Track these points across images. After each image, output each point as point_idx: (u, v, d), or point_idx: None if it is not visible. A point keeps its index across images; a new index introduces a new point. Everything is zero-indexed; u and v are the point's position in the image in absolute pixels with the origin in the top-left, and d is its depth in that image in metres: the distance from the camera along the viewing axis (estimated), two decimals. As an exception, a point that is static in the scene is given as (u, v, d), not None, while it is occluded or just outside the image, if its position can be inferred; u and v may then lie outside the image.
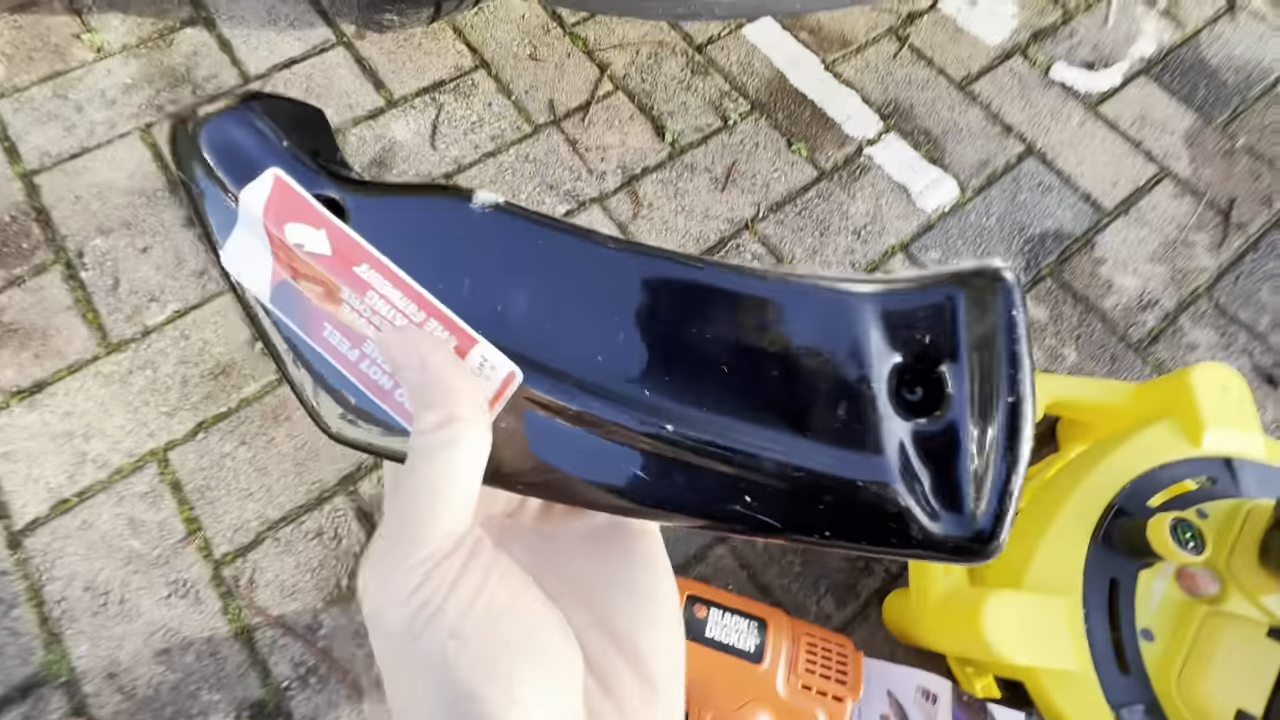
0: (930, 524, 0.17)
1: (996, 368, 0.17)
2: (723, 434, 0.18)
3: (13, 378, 0.74)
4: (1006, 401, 0.17)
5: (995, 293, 0.17)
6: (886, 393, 0.17)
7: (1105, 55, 1.07)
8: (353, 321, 0.18)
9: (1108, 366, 0.85)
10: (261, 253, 0.19)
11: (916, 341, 0.17)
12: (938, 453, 0.17)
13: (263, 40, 0.97)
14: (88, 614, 0.65)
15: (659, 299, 0.19)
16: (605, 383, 0.18)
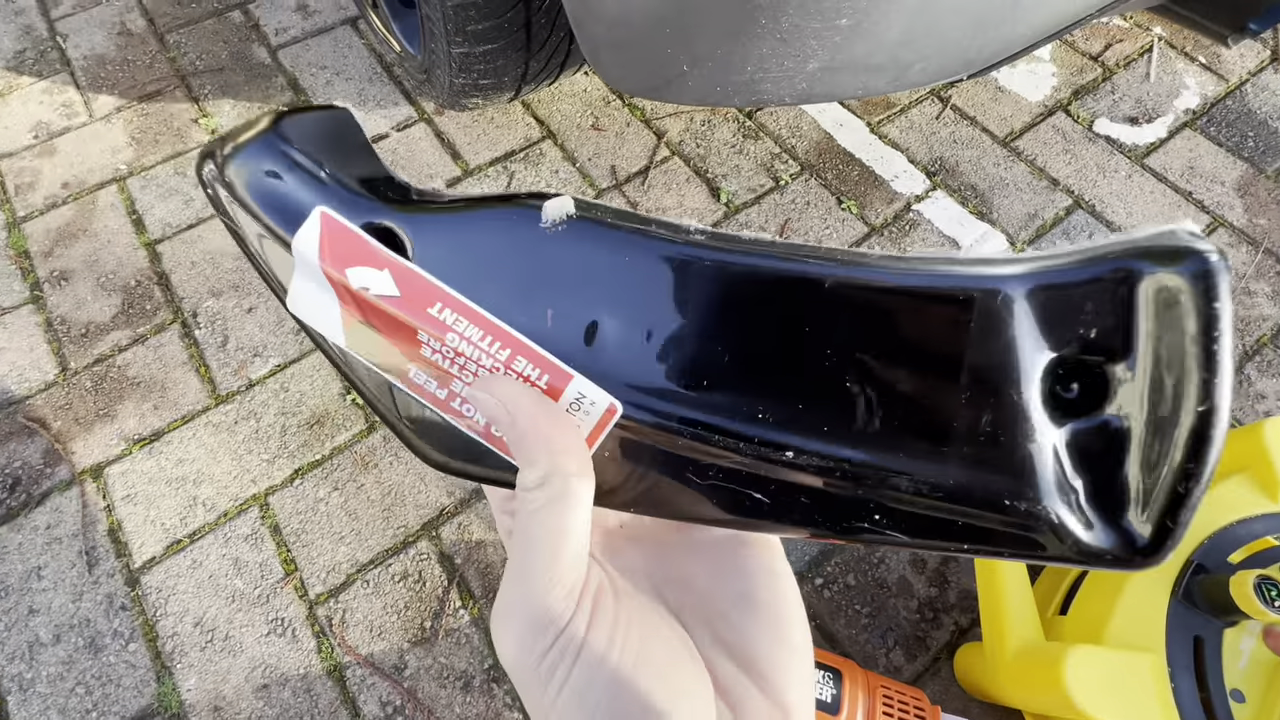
0: (1084, 534, 0.15)
1: (1185, 369, 0.14)
2: (846, 454, 0.16)
3: (135, 427, 0.82)
4: (1197, 411, 0.14)
5: (1188, 275, 0.14)
6: (1039, 397, 0.15)
7: (1148, 110, 1.09)
8: (437, 362, 0.18)
9: (1173, 417, 0.84)
10: (326, 297, 0.18)
11: (1077, 333, 0.15)
12: (1100, 458, 0.15)
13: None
14: (196, 649, 0.70)
15: (763, 303, 0.16)
16: (713, 404, 0.17)
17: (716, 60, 0.55)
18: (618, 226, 0.17)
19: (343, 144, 0.19)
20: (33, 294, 0.91)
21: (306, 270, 0.18)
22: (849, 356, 0.16)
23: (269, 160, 0.18)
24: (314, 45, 1.16)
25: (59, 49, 1.14)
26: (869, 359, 0.16)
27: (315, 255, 0.17)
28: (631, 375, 0.17)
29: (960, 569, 0.76)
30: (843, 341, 0.16)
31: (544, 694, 0.16)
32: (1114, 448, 0.15)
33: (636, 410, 0.17)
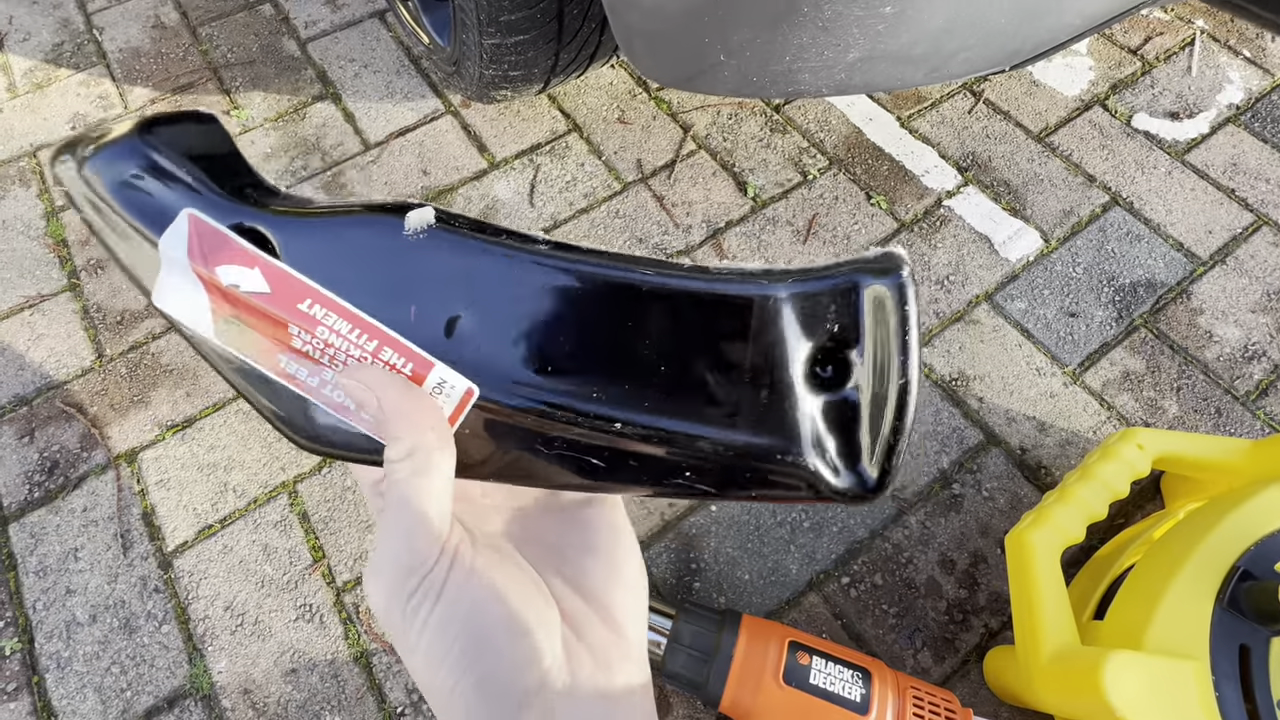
0: (833, 479, 0.20)
1: (890, 353, 0.19)
2: (662, 424, 0.20)
3: (168, 413, 0.83)
4: (899, 383, 0.19)
5: (890, 285, 0.19)
6: (801, 377, 0.20)
7: (1190, 104, 1.06)
8: (307, 353, 0.19)
9: (1213, 420, 0.82)
10: (195, 293, 0.19)
11: (825, 328, 0.20)
12: (841, 422, 0.20)
13: (381, 112, 1.08)
14: (226, 632, 0.71)
15: (594, 303, 0.20)
16: (555, 386, 0.20)
17: (754, 50, 0.54)
18: (473, 236, 0.20)
19: (210, 150, 0.21)
20: (70, 282, 0.92)
21: (174, 268, 0.19)
22: (661, 347, 0.20)
23: (132, 162, 0.19)
24: (343, 38, 1.16)
25: (95, 42, 1.16)
26: (675, 349, 0.20)
27: (184, 255, 0.18)
28: (486, 363, 0.20)
29: (990, 571, 0.74)
30: (656, 335, 0.20)
31: (409, 632, 0.18)
32: (852, 414, 0.20)
33: (492, 392, 0.20)
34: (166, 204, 0.19)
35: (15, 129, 1.06)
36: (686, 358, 0.20)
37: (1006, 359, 0.86)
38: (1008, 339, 0.88)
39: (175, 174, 0.19)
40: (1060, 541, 0.64)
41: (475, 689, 0.18)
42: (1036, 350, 0.87)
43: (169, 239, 0.18)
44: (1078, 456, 0.80)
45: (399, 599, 0.18)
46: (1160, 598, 0.56)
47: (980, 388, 0.84)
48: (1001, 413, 0.83)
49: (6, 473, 0.79)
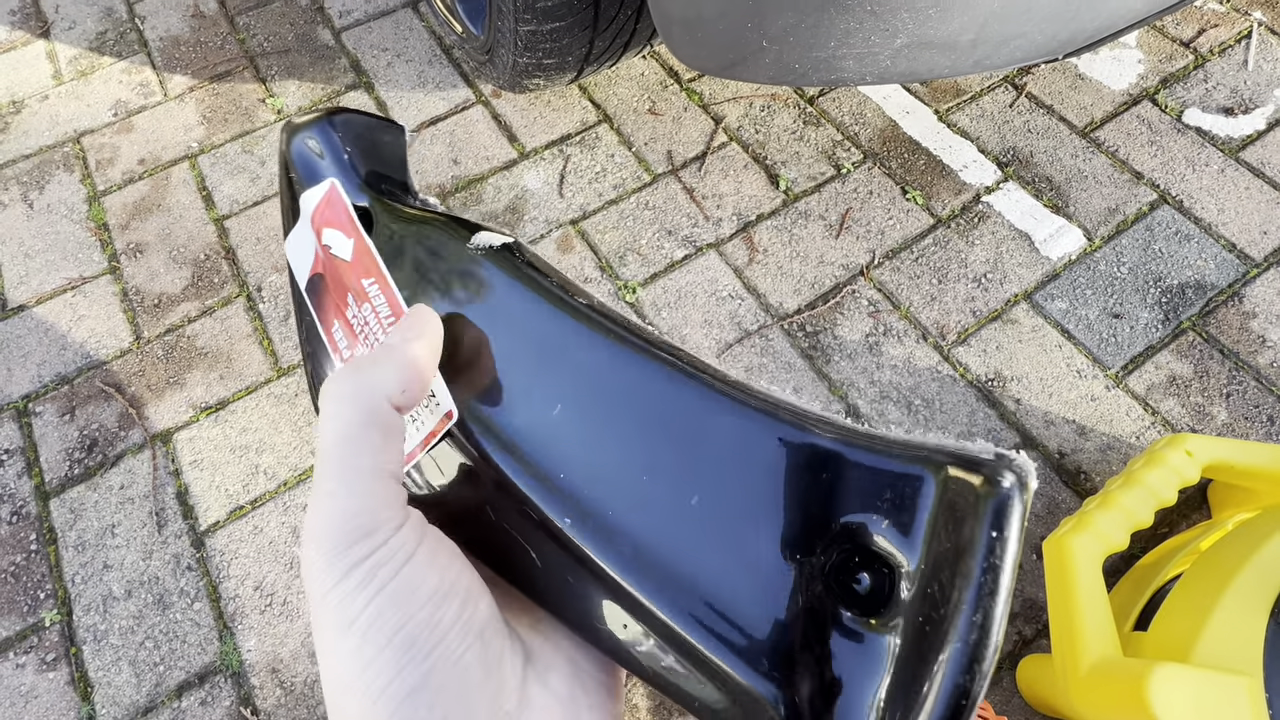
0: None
1: (961, 595, 0.12)
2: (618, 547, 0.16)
3: (202, 395, 0.85)
4: (958, 644, 0.12)
5: (983, 494, 0.12)
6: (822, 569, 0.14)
7: (1245, 100, 1.02)
8: (352, 322, 0.21)
9: (1265, 428, 0.79)
10: (309, 247, 0.22)
11: (872, 516, 0.14)
12: (860, 664, 0.13)
13: (413, 101, 1.09)
14: (256, 611, 0.72)
15: (604, 380, 0.17)
16: (527, 448, 0.17)
17: (798, 35, 0.52)
18: (522, 272, 0.19)
19: (381, 148, 0.24)
20: (110, 265, 0.94)
21: (303, 222, 0.22)
22: (660, 456, 0.16)
23: (316, 136, 0.23)
24: (376, 28, 1.17)
25: (137, 31, 1.19)
26: (677, 465, 0.16)
27: (311, 211, 0.22)
28: (478, 395, 0.18)
29: (1024, 577, 0.72)
30: (659, 440, 0.16)
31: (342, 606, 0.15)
32: (876, 660, 0.13)
33: (469, 425, 0.18)
34: (321, 171, 0.22)
35: (60, 115, 1.08)
36: (682, 478, 0.16)
37: (1046, 360, 0.84)
38: (1047, 339, 0.85)
39: (340, 152, 0.22)
40: (1102, 549, 0.62)
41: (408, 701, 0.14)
42: (1077, 351, 0.84)
43: (308, 196, 0.22)
44: (1119, 462, 0.77)
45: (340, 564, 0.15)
46: (1210, 611, 0.54)
47: (1018, 389, 0.82)
48: (1040, 415, 0.80)
49: (48, 449, 0.81)
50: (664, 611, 0.15)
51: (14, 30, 1.19)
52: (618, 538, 0.16)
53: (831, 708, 0.13)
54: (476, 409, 0.18)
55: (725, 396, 0.16)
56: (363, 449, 0.16)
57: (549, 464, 0.17)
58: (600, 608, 0.16)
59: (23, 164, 1.04)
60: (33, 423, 0.83)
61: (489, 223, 0.21)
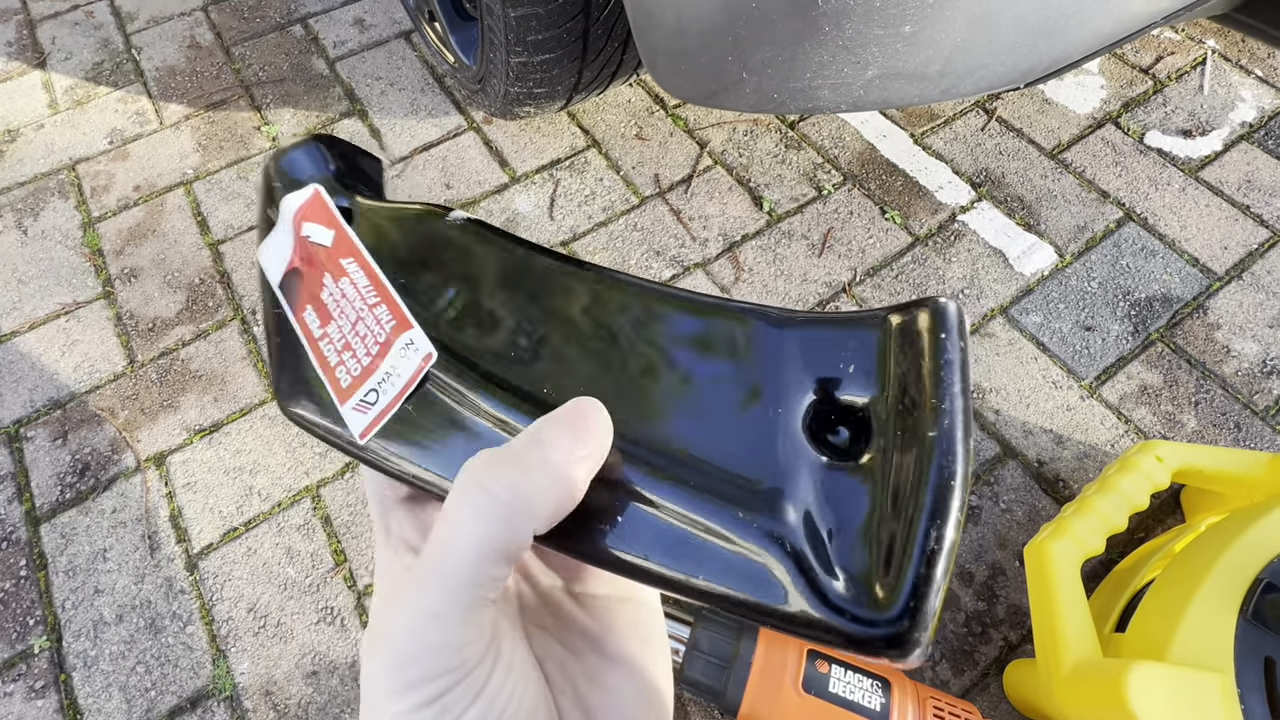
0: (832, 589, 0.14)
1: (924, 395, 0.14)
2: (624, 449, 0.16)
3: (196, 418, 0.85)
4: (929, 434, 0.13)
5: (928, 313, 0.15)
6: (800, 423, 0.16)
7: (1202, 122, 1.07)
8: (326, 301, 0.21)
9: (1233, 434, 0.82)
10: (286, 245, 0.22)
11: (837, 372, 0.16)
12: (852, 507, 0.14)
13: (405, 128, 1.12)
14: (249, 634, 0.72)
15: (577, 306, 0.19)
16: (512, 375, 0.18)
17: (775, 68, 0.56)
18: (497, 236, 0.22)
19: (362, 170, 0.25)
20: (105, 290, 0.95)
21: (283, 222, 0.23)
22: (640, 361, 0.18)
23: (303, 157, 0.24)
24: (369, 57, 1.20)
25: (134, 61, 1.21)
26: (658, 365, 0.18)
27: (294, 211, 0.22)
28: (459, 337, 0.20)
29: (1009, 584, 0.74)
30: (637, 349, 0.18)
31: None
32: (870, 496, 0.14)
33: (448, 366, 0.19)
34: (305, 180, 0.24)
35: (56, 143, 1.10)
36: (664, 375, 0.17)
37: (1022, 372, 0.87)
38: (1023, 352, 0.88)
39: (325, 166, 0.24)
40: (1080, 553, 0.64)
41: None
42: (1052, 363, 0.87)
43: (290, 199, 0.23)
44: (1095, 469, 0.80)
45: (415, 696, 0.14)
46: (1183, 610, 0.56)
47: (997, 400, 0.85)
48: (1018, 425, 0.83)
49: (40, 474, 0.81)
50: (674, 492, 0.15)
51: (10, 61, 1.20)
52: (622, 438, 0.16)
53: (830, 543, 0.14)
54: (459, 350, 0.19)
55: (704, 305, 0.18)
56: (485, 581, 0.14)
57: (537, 386, 0.18)
58: (615, 509, 0.16)
59: (17, 191, 1.05)
60: (24, 448, 0.83)
61: None
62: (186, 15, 1.27)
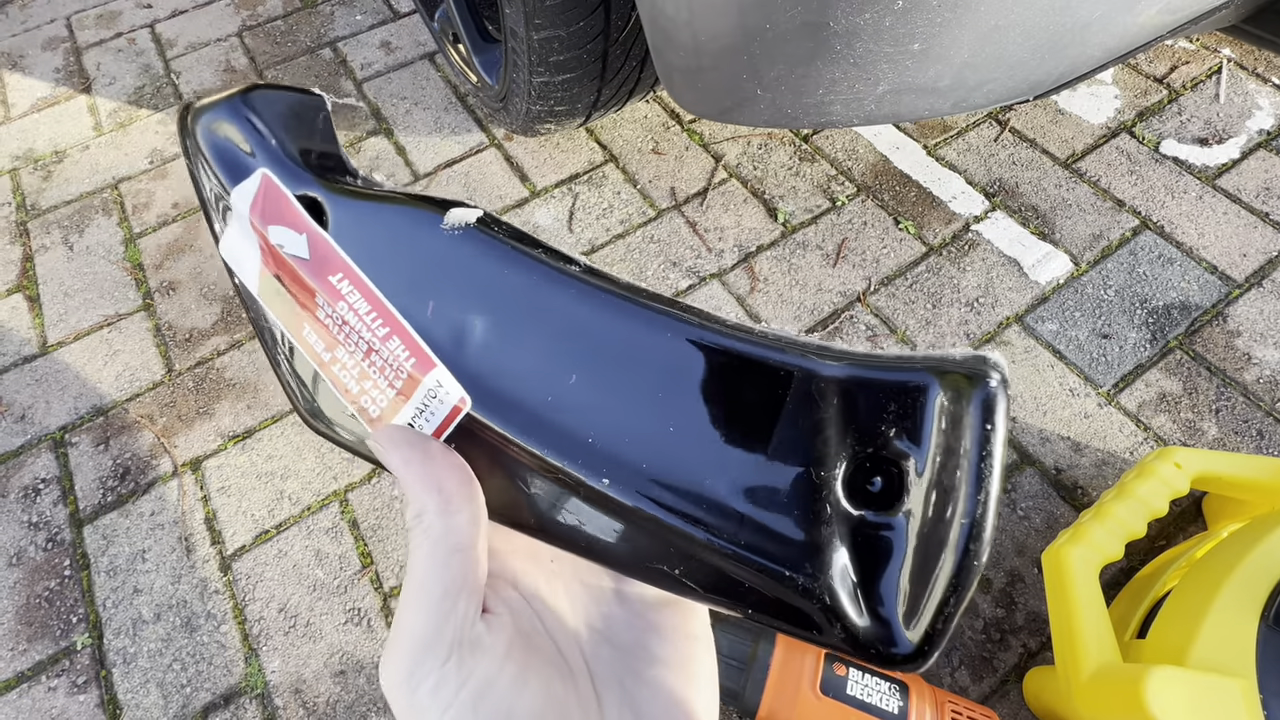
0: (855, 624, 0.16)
1: (960, 480, 0.15)
2: (659, 496, 0.17)
3: (230, 424, 0.89)
4: (964, 521, 0.15)
5: (974, 394, 0.15)
6: (841, 480, 0.16)
7: (1219, 131, 1.07)
8: (325, 324, 0.19)
9: (1255, 441, 0.81)
10: (251, 248, 0.20)
11: (881, 431, 0.16)
12: (882, 554, 0.16)
13: (430, 145, 1.15)
14: (280, 633, 0.75)
15: (617, 339, 0.18)
16: (553, 420, 0.18)
17: (788, 84, 0.58)
18: (508, 243, 0.19)
19: (306, 124, 0.21)
20: (144, 302, 1.00)
21: (239, 220, 0.20)
22: (677, 403, 0.17)
23: (230, 120, 0.20)
24: (395, 78, 1.25)
25: (173, 85, 1.27)
26: (693, 408, 0.17)
27: (247, 209, 0.20)
28: (489, 378, 0.18)
29: (1028, 590, 0.74)
30: (675, 389, 0.17)
31: None
32: (897, 547, 0.16)
33: (485, 410, 0.18)
34: (247, 162, 0.20)
35: (100, 164, 1.16)
36: (704, 422, 0.17)
37: (1039, 380, 0.87)
38: (1039, 360, 0.88)
39: (264, 137, 0.20)
40: (1098, 559, 0.64)
41: None
42: (1069, 371, 0.87)
43: (239, 192, 0.20)
44: (1114, 477, 0.80)
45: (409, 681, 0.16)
46: (1204, 615, 0.56)
47: (1013, 408, 0.85)
48: (1035, 433, 0.83)
49: (83, 478, 0.85)
50: (716, 536, 0.17)
51: (58, 86, 1.27)
52: (659, 488, 0.17)
53: (867, 589, 0.16)
54: (492, 393, 0.18)
55: (738, 341, 0.17)
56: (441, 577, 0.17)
57: (578, 432, 0.17)
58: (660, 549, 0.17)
59: (64, 209, 1.10)
60: (69, 453, 0.87)
61: None
62: (222, 41, 1.34)
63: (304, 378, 0.21)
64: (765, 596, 0.17)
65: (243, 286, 0.21)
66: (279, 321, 0.20)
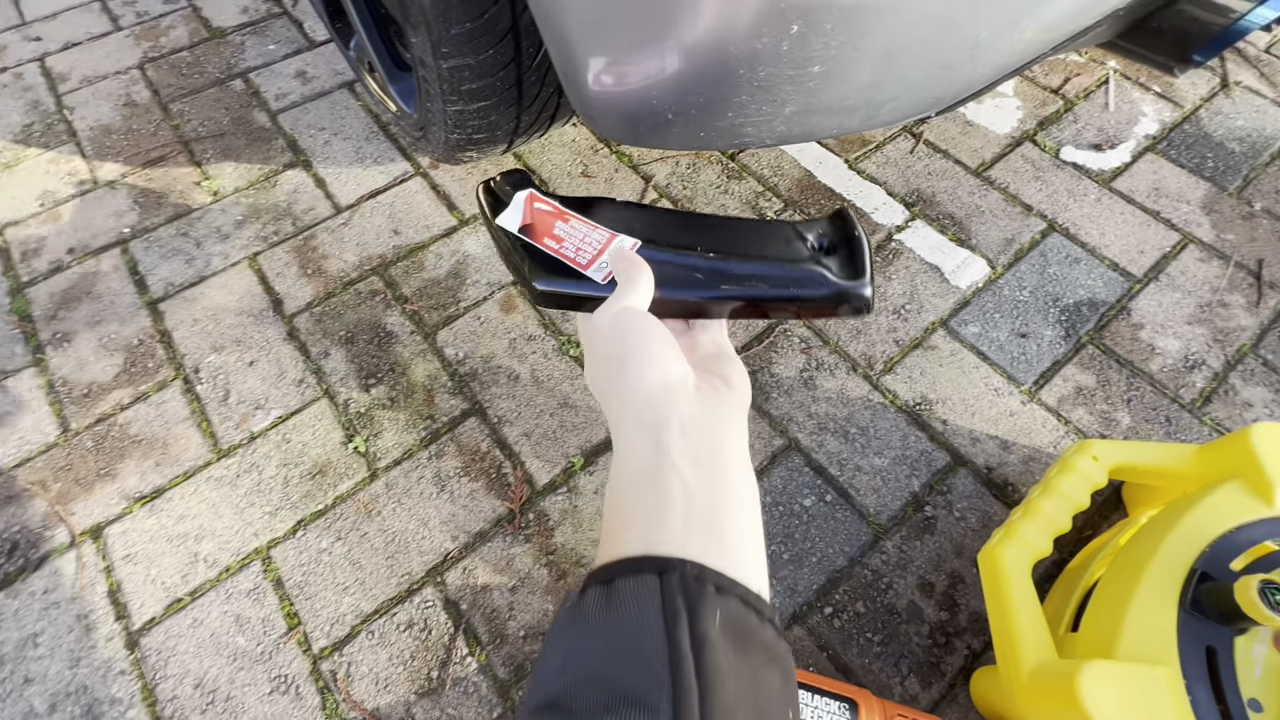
0: (837, 280, 0.38)
1: (847, 233, 0.41)
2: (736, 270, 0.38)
3: (136, 485, 0.82)
4: (855, 238, 0.40)
5: (842, 211, 0.42)
6: (809, 249, 0.40)
7: (1111, 136, 1.15)
8: (559, 234, 0.38)
9: (1164, 428, 0.86)
10: (517, 215, 0.39)
11: (819, 234, 0.41)
12: (836, 260, 0.40)
13: (351, 176, 1.12)
14: (196, 712, 0.68)
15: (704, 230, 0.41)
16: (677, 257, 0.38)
17: (699, 109, 0.58)
18: (646, 207, 0.43)
19: (535, 184, 0.42)
20: (35, 357, 0.92)
21: (515, 204, 0.40)
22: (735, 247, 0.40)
23: (510, 179, 0.41)
24: (312, 109, 1.21)
25: (65, 121, 1.19)
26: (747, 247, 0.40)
27: (523, 200, 0.40)
28: (649, 242, 0.39)
29: (969, 591, 0.75)
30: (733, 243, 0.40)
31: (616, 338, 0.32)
32: (840, 255, 0.40)
33: (643, 251, 0.39)
34: (516, 187, 0.41)
35: (-18, 209, 1.06)
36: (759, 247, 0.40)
37: (965, 381, 0.90)
38: (965, 362, 0.91)
39: (528, 181, 0.41)
40: (1029, 556, 0.66)
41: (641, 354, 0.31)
42: (993, 371, 0.91)
43: (519, 194, 0.40)
44: (1041, 471, 0.83)
45: (620, 319, 0.32)
46: (1127, 606, 0.57)
47: (943, 410, 0.87)
48: (965, 433, 0.86)
49: (-37, 558, 0.76)
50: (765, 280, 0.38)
51: (-67, 127, 1.17)
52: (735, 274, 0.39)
53: (842, 275, 0.39)
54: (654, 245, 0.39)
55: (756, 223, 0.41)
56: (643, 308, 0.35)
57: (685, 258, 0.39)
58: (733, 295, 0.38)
59: (-61, 260, 1.01)
60: (-54, 531, 0.78)
61: None
62: (122, 74, 1.26)
63: (543, 262, 0.38)
64: (804, 296, 0.38)
65: (508, 232, 0.39)
66: (530, 240, 0.38)
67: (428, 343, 0.93)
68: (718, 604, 0.24)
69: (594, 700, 0.22)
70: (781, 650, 0.25)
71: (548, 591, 0.75)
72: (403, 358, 0.92)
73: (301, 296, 0.98)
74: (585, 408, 0.88)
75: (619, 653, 0.23)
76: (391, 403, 0.88)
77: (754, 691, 0.23)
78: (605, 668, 0.22)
